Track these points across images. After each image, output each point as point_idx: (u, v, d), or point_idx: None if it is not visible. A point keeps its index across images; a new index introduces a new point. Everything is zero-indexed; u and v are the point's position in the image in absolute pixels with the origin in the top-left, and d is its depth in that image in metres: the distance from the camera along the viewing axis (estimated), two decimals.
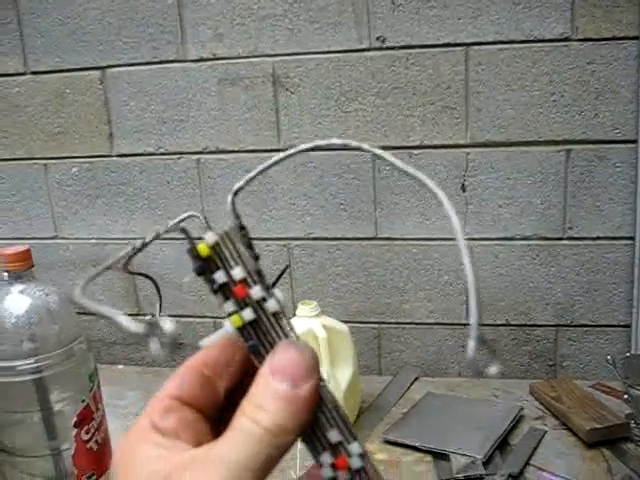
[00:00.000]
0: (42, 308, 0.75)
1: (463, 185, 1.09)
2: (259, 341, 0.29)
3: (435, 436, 0.93)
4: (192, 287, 1.24)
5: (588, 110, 1.03)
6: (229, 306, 0.29)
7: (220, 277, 0.29)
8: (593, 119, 1.03)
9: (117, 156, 1.23)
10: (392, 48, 1.07)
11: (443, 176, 1.09)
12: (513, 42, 1.03)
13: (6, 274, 0.74)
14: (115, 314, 0.27)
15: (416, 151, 1.10)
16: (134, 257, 0.30)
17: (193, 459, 0.26)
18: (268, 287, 0.29)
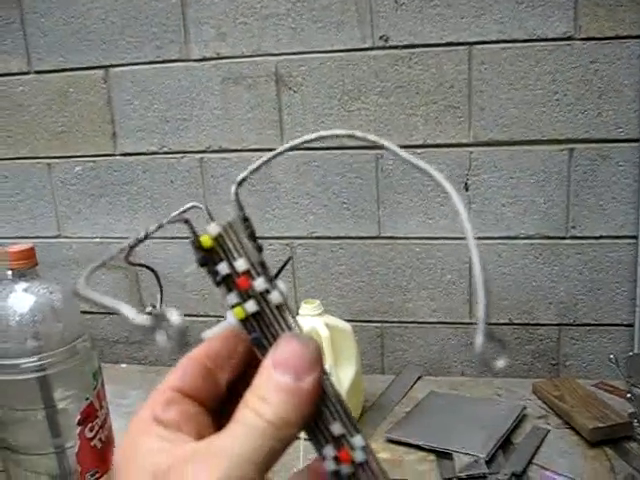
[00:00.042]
0: (46, 306, 0.75)
1: (466, 184, 1.09)
2: (262, 333, 0.28)
3: (438, 435, 0.93)
4: (195, 286, 1.24)
5: (591, 109, 1.03)
6: (232, 298, 0.29)
7: (223, 269, 0.28)
8: (596, 118, 1.03)
9: (120, 155, 1.23)
10: (395, 47, 1.07)
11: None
12: (516, 41, 1.03)
13: (10, 272, 0.74)
14: (119, 305, 0.27)
15: (419, 150, 1.10)
16: (136, 248, 0.29)
17: (195, 452, 0.25)
18: (271, 279, 0.29)
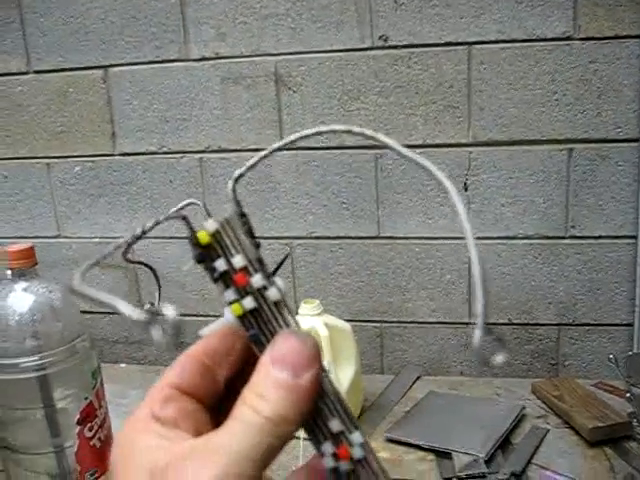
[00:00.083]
0: (45, 305, 0.75)
1: (465, 184, 1.09)
2: (260, 330, 0.28)
3: (437, 435, 0.93)
4: (195, 285, 1.24)
5: (590, 109, 1.03)
6: (230, 294, 0.28)
7: (221, 265, 0.28)
8: (595, 118, 1.03)
9: (120, 155, 1.23)
10: (394, 47, 1.07)
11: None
12: (515, 41, 1.03)
13: (10, 272, 0.74)
14: (115, 301, 0.27)
15: (418, 150, 1.10)
16: (133, 245, 0.29)
17: (193, 449, 0.25)
18: (269, 275, 0.29)
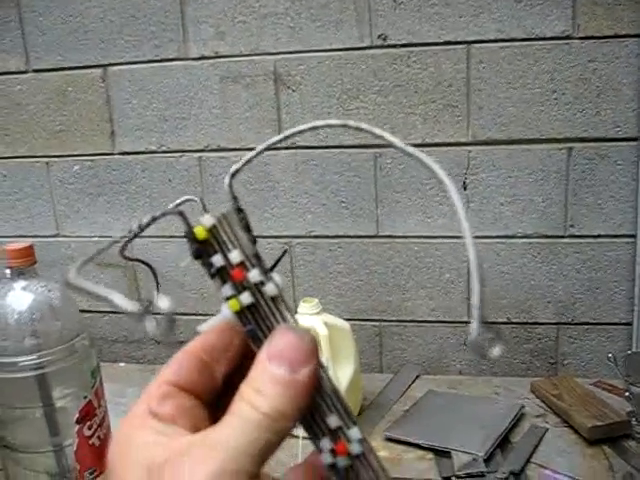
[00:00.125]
0: (44, 304, 0.75)
1: (464, 183, 1.09)
2: (257, 326, 0.28)
3: (437, 434, 0.93)
4: (194, 284, 1.24)
5: (589, 108, 1.03)
6: (227, 290, 0.28)
7: (218, 260, 0.28)
8: (594, 117, 1.03)
9: (119, 154, 1.23)
10: (394, 46, 1.07)
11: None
12: (514, 40, 1.03)
13: (9, 270, 0.74)
14: (110, 293, 0.26)
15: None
16: (131, 242, 0.29)
17: (191, 444, 0.25)
18: (266, 271, 0.28)
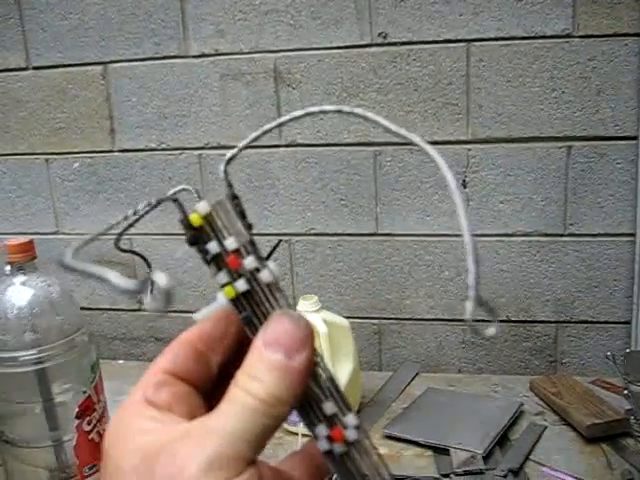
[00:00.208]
0: (44, 299, 0.75)
1: (464, 181, 1.09)
2: (253, 312, 0.28)
3: (435, 431, 0.93)
4: (194, 282, 1.24)
5: (589, 107, 1.03)
6: (222, 277, 0.28)
7: (213, 247, 0.28)
8: (594, 115, 1.03)
9: (119, 151, 1.23)
10: (394, 44, 1.07)
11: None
12: (514, 38, 1.03)
13: (9, 266, 0.74)
14: (105, 272, 0.26)
15: (417, 147, 1.10)
16: (128, 229, 0.29)
17: (187, 431, 0.25)
18: (262, 258, 0.28)
